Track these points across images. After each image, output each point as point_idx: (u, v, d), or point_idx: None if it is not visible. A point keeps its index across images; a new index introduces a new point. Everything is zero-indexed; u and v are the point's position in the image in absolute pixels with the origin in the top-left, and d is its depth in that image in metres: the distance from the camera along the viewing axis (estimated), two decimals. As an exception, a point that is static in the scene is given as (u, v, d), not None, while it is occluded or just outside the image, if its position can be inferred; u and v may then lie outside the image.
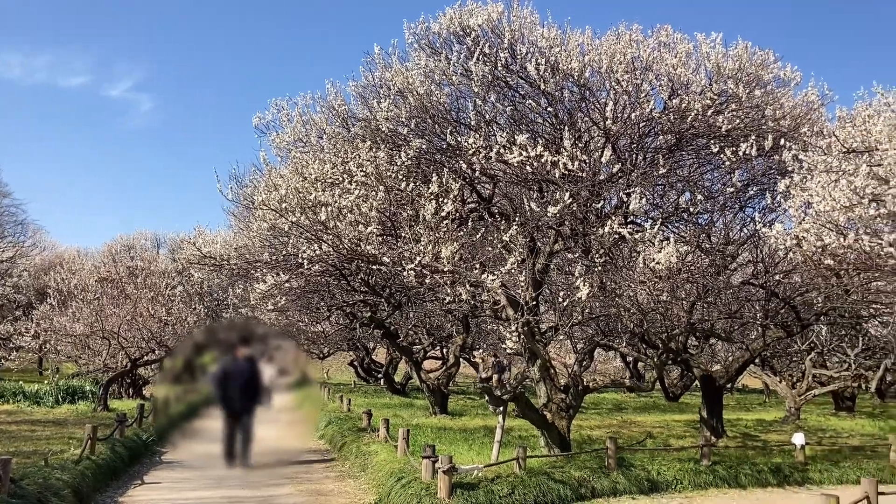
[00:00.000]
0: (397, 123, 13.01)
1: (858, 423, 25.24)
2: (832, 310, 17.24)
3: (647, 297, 15.14)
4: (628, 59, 12.72)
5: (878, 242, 8.13)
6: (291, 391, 11.99)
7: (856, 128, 9.73)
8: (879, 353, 26.73)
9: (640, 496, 11.97)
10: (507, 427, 16.02)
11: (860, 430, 23.17)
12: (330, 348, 33.07)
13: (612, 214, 13.61)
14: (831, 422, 25.86)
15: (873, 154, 8.94)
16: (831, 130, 10.78)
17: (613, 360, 42.29)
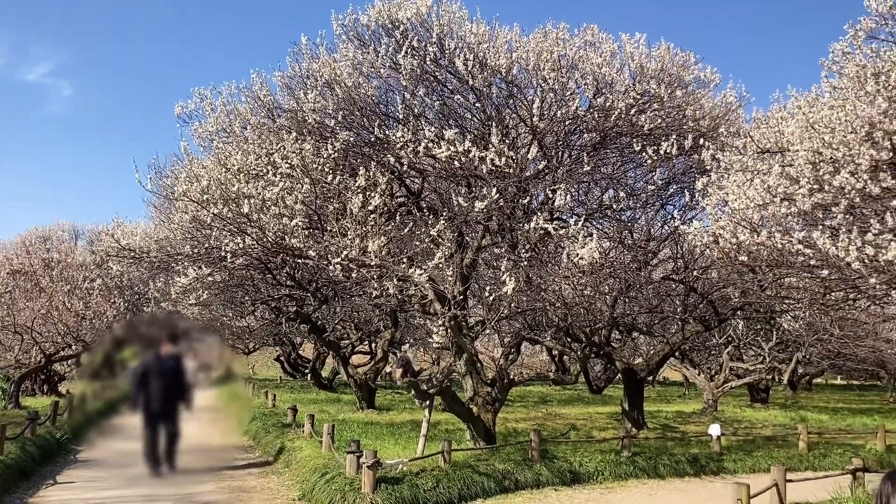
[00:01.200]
0: (324, 115, 12.86)
1: (772, 414, 26.28)
2: (748, 305, 17.90)
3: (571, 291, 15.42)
4: (555, 57, 12.88)
5: (788, 240, 8.45)
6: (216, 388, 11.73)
7: (770, 129, 10.10)
8: (792, 347, 27.93)
9: (563, 487, 12.18)
10: (434, 421, 16.10)
11: (773, 420, 24.12)
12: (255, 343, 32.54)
13: (538, 210, 13.78)
14: (746, 413, 26.84)
15: (785, 154, 9.30)
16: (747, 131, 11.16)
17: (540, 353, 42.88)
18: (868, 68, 9.51)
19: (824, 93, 10.86)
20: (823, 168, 8.53)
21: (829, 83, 10.39)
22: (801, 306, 13.53)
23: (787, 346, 27.55)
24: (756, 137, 9.96)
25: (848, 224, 8.16)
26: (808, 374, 40.69)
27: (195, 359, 10.31)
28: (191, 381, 9.46)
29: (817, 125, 9.14)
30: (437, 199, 15.18)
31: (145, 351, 10.25)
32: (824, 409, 29.58)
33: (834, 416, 25.95)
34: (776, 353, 28.09)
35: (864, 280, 7.86)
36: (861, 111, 8.91)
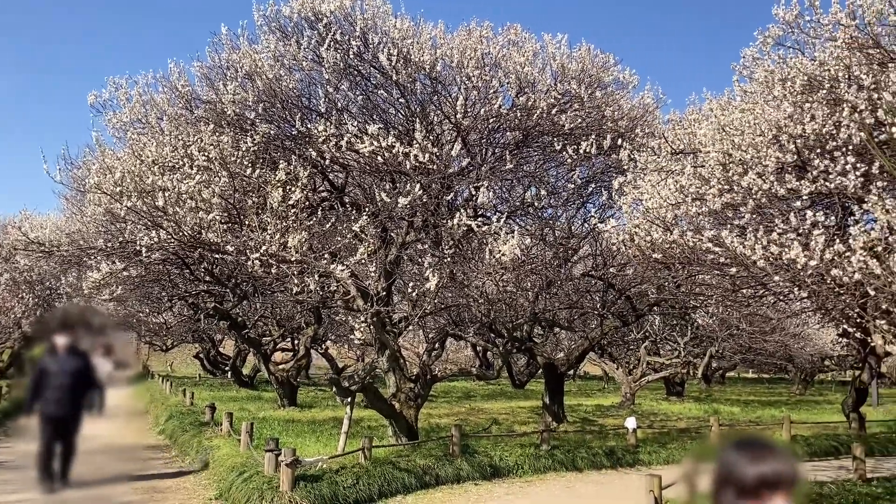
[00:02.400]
0: (244, 107, 12.60)
1: (686, 407, 27.16)
2: (663, 301, 18.42)
3: (494, 287, 15.59)
4: (479, 55, 12.96)
5: (699, 238, 8.74)
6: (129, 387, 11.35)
7: (683, 131, 10.42)
8: (706, 342, 28.91)
9: (483, 482, 12.29)
10: (357, 418, 16.01)
11: (688, 413, 24.93)
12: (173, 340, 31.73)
13: (462, 207, 13.85)
14: (662, 406, 27.66)
15: (698, 156, 9.61)
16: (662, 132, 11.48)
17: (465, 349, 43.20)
18: (776, 73, 9.91)
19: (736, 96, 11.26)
20: (733, 169, 8.84)
21: (741, 87, 10.79)
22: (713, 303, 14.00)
23: (702, 341, 28.51)
24: (670, 139, 10.26)
25: (755, 224, 8.49)
26: (721, 368, 42.24)
27: (106, 356, 9.65)
28: (100, 382, 8.57)
29: (728, 128, 9.47)
30: (360, 195, 15.09)
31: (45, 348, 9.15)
32: (736, 401, 30.74)
33: (745, 409, 26.99)
34: (691, 348, 29.06)
35: (770, 277, 8.19)
36: (768, 115, 9.28)
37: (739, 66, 10.56)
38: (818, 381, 43.67)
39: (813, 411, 26.61)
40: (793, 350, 28.77)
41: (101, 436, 10.66)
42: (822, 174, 8.30)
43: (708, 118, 11.15)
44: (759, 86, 10.39)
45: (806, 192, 8.27)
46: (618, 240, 11.33)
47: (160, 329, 25.99)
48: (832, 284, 7.76)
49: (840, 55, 9.17)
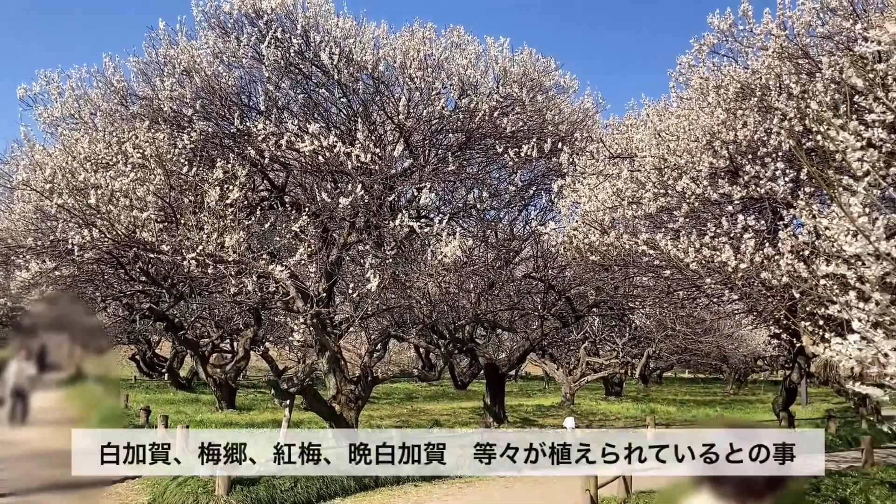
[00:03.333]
0: (181, 104, 12.35)
1: (624, 407, 27.64)
2: (602, 302, 18.71)
3: (436, 289, 15.59)
4: (422, 56, 12.96)
5: (635, 241, 8.90)
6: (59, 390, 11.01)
7: (621, 135, 10.59)
8: (643, 342, 29.46)
9: (423, 483, 12.29)
10: (297, 420, 15.85)
11: (625, 412, 25.38)
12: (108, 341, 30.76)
13: (404, 208, 13.83)
14: (601, 406, 28.10)
15: (634, 160, 9.79)
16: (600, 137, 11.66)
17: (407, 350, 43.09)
18: (710, 81, 10.17)
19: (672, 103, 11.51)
20: (668, 174, 9.03)
21: (677, 94, 11.03)
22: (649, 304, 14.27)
23: (639, 341, 29.04)
24: (608, 143, 10.42)
25: (688, 227, 8.69)
26: (658, 368, 43.10)
27: (28, 360, 9.23)
28: (21, 388, 8.23)
29: (664, 133, 9.67)
30: (301, 194, 14.93)
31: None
32: (672, 401, 31.41)
33: (681, 408, 27.61)
34: (629, 349, 29.57)
35: (702, 280, 8.39)
36: (703, 121, 9.51)
37: (676, 72, 10.81)
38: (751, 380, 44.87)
39: (746, 410, 27.38)
40: (727, 351, 29.55)
41: (29, 441, 10.33)
42: (754, 179, 8.55)
43: (645, 123, 11.38)
44: (694, 92, 10.65)
45: (738, 197, 8.50)
46: (557, 242, 11.46)
47: (94, 330, 25.23)
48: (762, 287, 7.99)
49: (771, 64, 9.46)
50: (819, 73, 8.63)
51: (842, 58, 8.04)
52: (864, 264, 5.54)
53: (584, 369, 28.61)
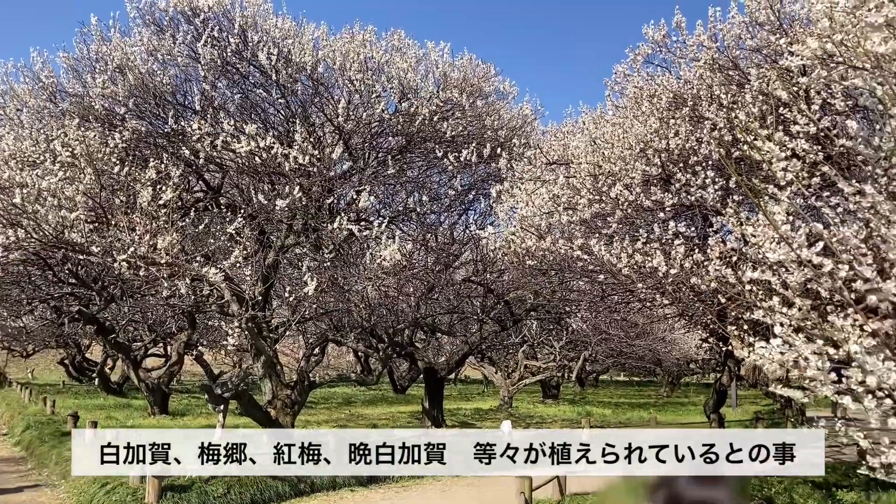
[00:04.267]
0: (114, 102, 12.03)
1: (561, 409, 27.96)
2: (540, 306, 18.92)
3: (375, 292, 15.54)
4: (362, 58, 12.92)
5: (570, 246, 9.03)
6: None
7: (558, 142, 10.74)
8: (580, 346, 29.83)
9: (359, 488, 12.21)
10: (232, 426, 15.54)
11: (562, 415, 25.67)
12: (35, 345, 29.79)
13: (343, 211, 13.75)
14: (539, 409, 28.37)
15: (570, 166, 9.94)
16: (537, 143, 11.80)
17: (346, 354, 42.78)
18: (644, 90, 10.40)
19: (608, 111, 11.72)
20: (602, 180, 9.19)
21: (612, 102, 11.24)
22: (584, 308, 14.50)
23: (576, 345, 29.40)
24: (545, 149, 10.55)
25: (622, 233, 8.86)
26: (594, 371, 43.78)
27: None
28: None
29: (599, 140, 9.84)
30: (238, 196, 14.70)
31: None
32: (608, 403, 31.91)
33: (616, 410, 28.07)
34: (566, 352, 29.91)
35: (634, 284, 8.56)
36: (637, 129, 9.72)
37: (612, 81, 11.02)
38: (684, 383, 45.94)
39: (678, 412, 27.99)
40: (660, 354, 30.21)
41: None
42: (685, 187, 8.77)
43: (582, 131, 11.56)
44: (629, 101, 10.87)
45: (669, 204, 8.70)
46: (496, 246, 11.55)
47: (19, 333, 24.36)
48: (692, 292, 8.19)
49: (703, 75, 9.73)
50: (748, 84, 8.92)
51: (769, 71, 8.32)
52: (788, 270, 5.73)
53: (523, 372, 28.87)
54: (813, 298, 5.67)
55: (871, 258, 5.50)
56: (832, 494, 11.70)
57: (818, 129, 6.92)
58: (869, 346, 4.88)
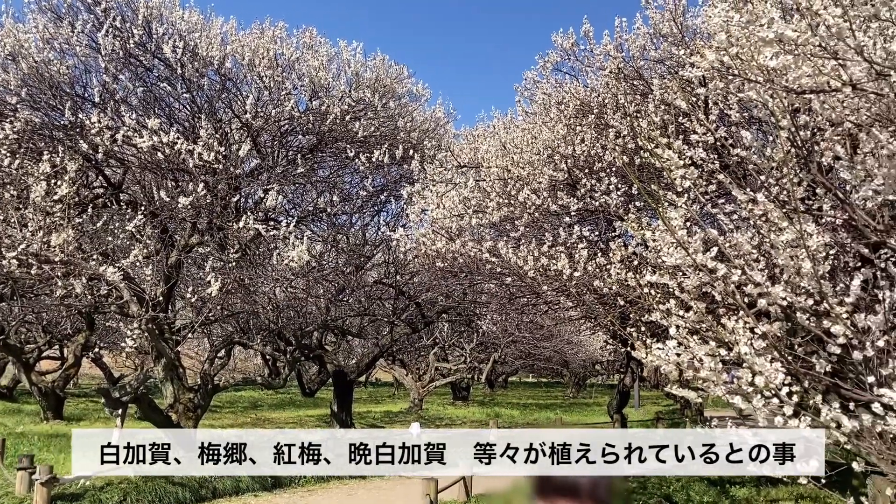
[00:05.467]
0: (5, 91, 11.40)
1: (471, 411, 28.18)
2: (451, 308, 19.02)
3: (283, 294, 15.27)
4: (272, 55, 12.70)
5: (479, 249, 9.10)
6: None
7: (469, 145, 10.82)
8: (490, 348, 30.17)
9: (263, 493, 11.97)
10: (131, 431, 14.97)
11: (472, 416, 25.87)
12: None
13: (250, 210, 13.45)
14: (449, 410, 28.51)
15: (480, 170, 10.03)
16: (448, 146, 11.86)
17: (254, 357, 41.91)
18: (553, 97, 10.59)
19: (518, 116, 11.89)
20: (511, 184, 9.30)
21: (522, 108, 11.40)
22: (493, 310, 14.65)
23: (486, 347, 29.72)
24: (456, 152, 10.61)
25: (529, 236, 8.99)
26: (504, 372, 44.33)
27: None
28: None
29: (509, 145, 9.96)
30: (139, 193, 14.18)
31: None
32: (516, 405, 32.38)
33: (524, 411, 28.50)
34: (476, 354, 30.19)
35: (540, 287, 8.69)
36: (545, 135, 9.89)
37: (522, 87, 11.18)
38: (590, 384, 47.08)
39: (584, 413, 28.66)
40: (567, 356, 30.86)
41: None
42: (590, 192, 8.97)
43: (493, 135, 11.69)
44: (538, 107, 11.06)
45: (575, 209, 8.88)
46: (406, 248, 11.54)
47: None
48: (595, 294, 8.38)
49: (609, 84, 9.98)
50: (651, 94, 9.20)
51: (670, 81, 8.60)
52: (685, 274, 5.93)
53: (433, 375, 28.95)
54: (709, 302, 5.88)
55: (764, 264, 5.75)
56: (726, 491, 12.20)
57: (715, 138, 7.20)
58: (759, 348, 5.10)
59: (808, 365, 5.39)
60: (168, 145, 11.36)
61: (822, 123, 5.82)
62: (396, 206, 14.85)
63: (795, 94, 5.24)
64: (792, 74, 5.07)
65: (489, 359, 31.30)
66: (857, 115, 5.18)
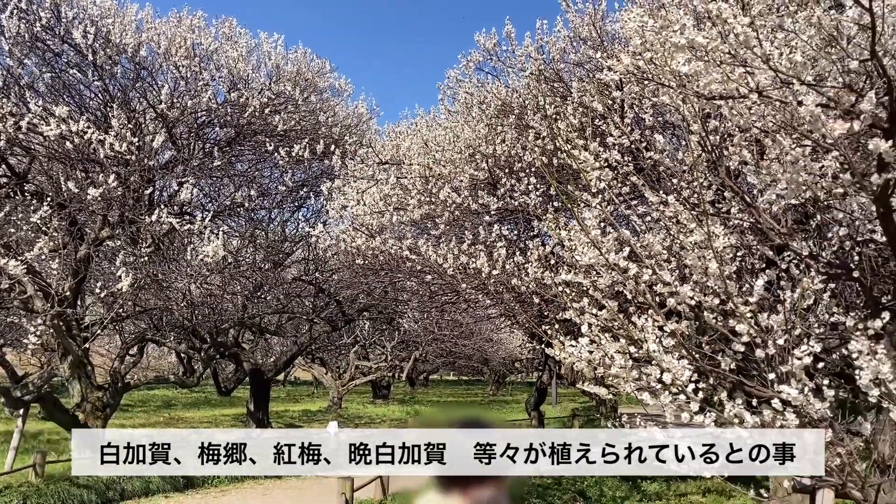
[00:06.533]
0: None
1: (391, 409, 28.13)
2: (372, 306, 18.91)
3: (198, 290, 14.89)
4: (189, 44, 12.38)
5: (400, 246, 9.07)
6: None
7: (391, 141, 10.78)
8: (411, 346, 30.18)
9: (175, 494, 11.65)
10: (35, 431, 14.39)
11: (391, 414, 25.83)
12: None
13: (165, 203, 13.06)
14: (368, 409, 28.39)
15: (402, 167, 10.00)
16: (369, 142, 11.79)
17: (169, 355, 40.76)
18: (475, 96, 10.64)
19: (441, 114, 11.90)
20: (432, 182, 9.31)
21: (445, 106, 11.42)
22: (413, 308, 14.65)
23: (408, 345, 29.70)
24: (377, 149, 10.56)
25: (449, 234, 9.01)
26: (425, 370, 44.39)
27: None
28: None
29: (431, 143, 9.97)
30: (47, 183, 13.57)
31: None
32: (437, 402, 32.51)
33: (444, 409, 28.65)
34: (398, 352, 30.14)
35: (459, 285, 8.73)
36: (466, 134, 9.93)
37: (444, 86, 11.20)
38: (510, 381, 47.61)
39: (503, 410, 28.97)
40: (487, 353, 31.14)
41: None
42: (509, 192, 9.05)
43: (415, 132, 11.68)
44: (461, 106, 11.09)
45: (495, 208, 8.95)
46: (325, 245, 11.41)
47: None
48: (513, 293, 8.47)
49: (530, 85, 10.09)
50: (570, 96, 9.36)
51: (589, 84, 8.76)
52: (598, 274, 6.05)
53: (354, 373, 28.75)
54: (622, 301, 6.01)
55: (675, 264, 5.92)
56: (638, 486, 12.54)
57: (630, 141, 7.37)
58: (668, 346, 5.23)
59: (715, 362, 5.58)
60: (78, 134, 10.91)
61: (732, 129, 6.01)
62: (317, 202, 14.65)
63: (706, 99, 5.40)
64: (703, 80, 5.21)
65: (410, 357, 31.30)
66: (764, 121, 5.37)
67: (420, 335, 25.90)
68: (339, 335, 26.42)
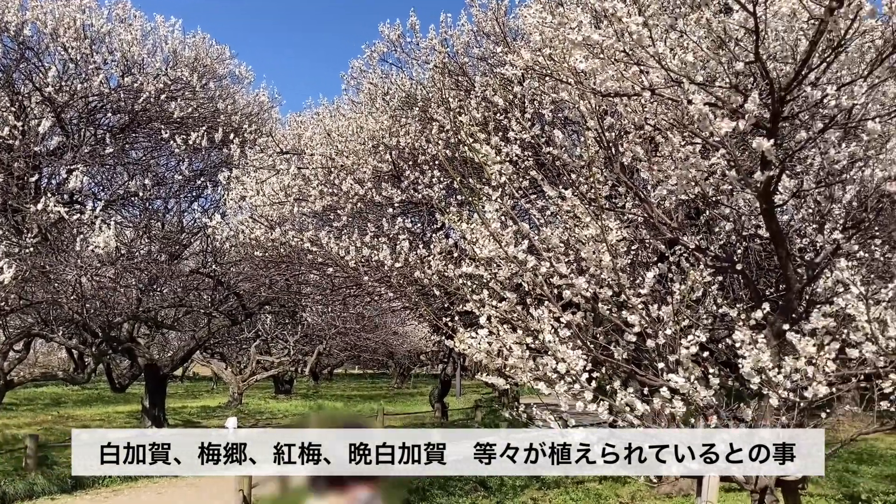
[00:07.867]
0: None
1: (293, 404, 27.74)
2: (274, 299, 18.53)
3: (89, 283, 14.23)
4: (79, 25, 11.79)
5: (300, 238, 8.93)
6: None
7: (292, 131, 10.59)
8: (315, 340, 29.79)
9: (62, 496, 11.11)
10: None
11: (294, 410, 25.48)
12: None
13: (52, 191, 12.42)
14: (270, 404, 27.89)
15: (303, 157, 9.84)
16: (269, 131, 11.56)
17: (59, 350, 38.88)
18: (379, 88, 10.58)
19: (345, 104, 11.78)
20: (335, 173, 9.20)
21: (349, 97, 11.31)
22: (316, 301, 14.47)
23: (311, 339, 29.29)
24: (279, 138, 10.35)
25: (352, 226, 8.94)
26: (329, 365, 43.94)
27: None
28: None
29: (334, 133, 9.85)
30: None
31: None
32: (341, 396, 32.25)
33: (348, 403, 28.46)
34: (301, 346, 29.70)
35: (361, 277, 8.67)
36: (370, 125, 9.86)
37: (348, 75, 11.10)
38: (415, 374, 47.72)
39: (407, 403, 29.03)
40: (393, 347, 31.11)
41: None
42: (413, 184, 9.05)
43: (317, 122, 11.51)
44: (365, 97, 11.01)
45: (398, 200, 8.93)
46: (223, 236, 11.12)
47: None
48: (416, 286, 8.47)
49: (434, 77, 10.11)
50: (473, 90, 9.42)
51: (491, 78, 8.85)
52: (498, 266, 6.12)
53: (255, 368, 28.15)
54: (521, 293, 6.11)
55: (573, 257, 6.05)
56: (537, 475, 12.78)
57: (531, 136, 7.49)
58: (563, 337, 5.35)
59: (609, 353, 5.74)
60: (-47, 116, 10.24)
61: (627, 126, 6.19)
62: (214, 192, 14.23)
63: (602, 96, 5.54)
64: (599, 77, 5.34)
65: (314, 351, 30.88)
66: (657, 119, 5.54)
67: (324, 329, 25.57)
68: (240, 329, 25.82)
